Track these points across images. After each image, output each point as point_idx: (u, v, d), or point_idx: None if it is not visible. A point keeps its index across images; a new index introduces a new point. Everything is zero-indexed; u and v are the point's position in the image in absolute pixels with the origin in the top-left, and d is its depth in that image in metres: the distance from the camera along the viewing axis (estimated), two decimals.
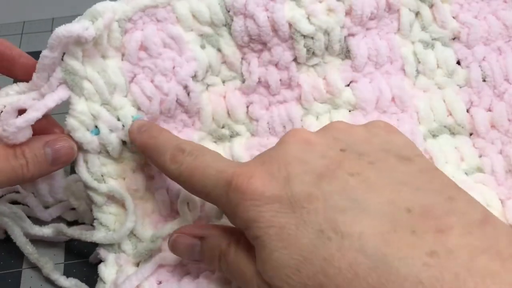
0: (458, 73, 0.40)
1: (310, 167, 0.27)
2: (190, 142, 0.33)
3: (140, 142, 0.34)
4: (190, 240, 0.32)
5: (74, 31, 0.31)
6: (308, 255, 0.25)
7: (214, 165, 0.29)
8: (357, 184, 0.26)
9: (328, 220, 0.25)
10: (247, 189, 0.27)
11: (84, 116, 0.34)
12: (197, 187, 0.30)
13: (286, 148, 0.28)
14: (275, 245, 0.26)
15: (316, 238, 0.25)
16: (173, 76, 0.36)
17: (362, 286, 0.23)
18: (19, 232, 0.37)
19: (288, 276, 0.25)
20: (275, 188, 0.27)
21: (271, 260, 0.26)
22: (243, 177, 0.28)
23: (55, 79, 0.33)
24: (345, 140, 0.29)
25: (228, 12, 0.36)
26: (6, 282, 0.39)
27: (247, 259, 0.29)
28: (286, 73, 0.38)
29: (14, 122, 0.31)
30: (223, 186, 0.28)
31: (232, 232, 0.31)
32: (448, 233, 0.24)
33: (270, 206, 0.27)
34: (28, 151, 0.32)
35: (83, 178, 0.35)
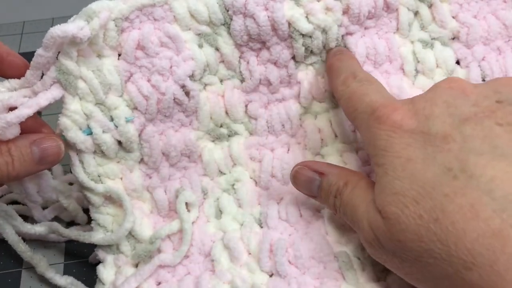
0: (457, 73, 0.40)
1: (457, 111, 0.28)
2: (365, 72, 0.35)
3: (329, 63, 0.37)
4: (311, 174, 0.33)
5: (68, 31, 0.31)
6: (430, 189, 0.25)
7: (371, 94, 0.31)
8: (503, 133, 0.26)
9: (460, 159, 0.25)
10: (388, 119, 0.29)
11: (77, 115, 0.34)
12: (350, 110, 0.32)
13: (438, 91, 0.29)
14: (398, 175, 0.27)
15: (442, 174, 0.25)
16: (170, 76, 0.35)
17: (481, 227, 0.23)
18: (10, 231, 0.37)
19: (405, 205, 0.26)
20: (414, 124, 0.28)
21: (392, 187, 0.27)
22: (388, 109, 0.29)
23: (49, 78, 0.33)
24: (507, 93, 0.29)
25: (227, 11, 0.36)
26: (6, 282, 0.39)
27: (363, 196, 0.30)
28: (285, 71, 0.38)
29: (4, 117, 0.31)
30: (369, 113, 0.30)
31: (351, 174, 0.32)
32: None
33: (403, 139, 0.28)
34: (14, 149, 0.32)
35: (80, 179, 0.35)
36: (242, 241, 0.37)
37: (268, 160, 0.38)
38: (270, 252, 0.36)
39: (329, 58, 0.37)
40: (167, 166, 0.38)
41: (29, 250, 0.37)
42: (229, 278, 0.36)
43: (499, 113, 0.27)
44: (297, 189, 0.35)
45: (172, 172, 0.38)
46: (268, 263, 0.36)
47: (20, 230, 0.37)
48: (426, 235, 0.25)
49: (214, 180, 0.39)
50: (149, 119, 0.36)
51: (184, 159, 0.38)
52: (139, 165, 0.37)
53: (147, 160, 0.37)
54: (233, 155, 0.38)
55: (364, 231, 0.29)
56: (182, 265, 0.37)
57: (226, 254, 0.36)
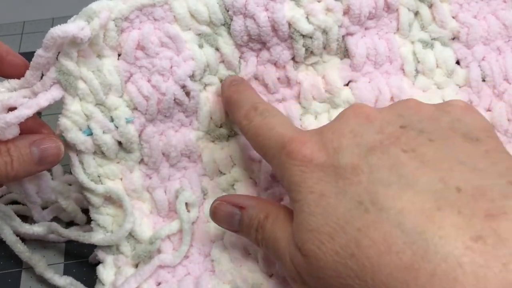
0: (457, 73, 0.40)
1: (363, 141, 0.27)
2: (266, 103, 0.34)
3: (226, 95, 0.36)
4: (231, 209, 0.33)
5: (69, 31, 0.31)
6: (343, 224, 0.25)
7: (277, 128, 0.31)
8: (408, 161, 0.26)
9: (369, 192, 0.25)
10: (298, 155, 0.28)
11: (77, 116, 0.34)
12: (258, 145, 0.32)
13: (344, 120, 0.29)
14: (312, 210, 0.27)
15: (354, 208, 0.25)
16: (170, 76, 0.35)
17: (394, 261, 0.23)
18: (8, 231, 0.37)
19: (321, 242, 0.26)
20: (323, 157, 0.28)
21: (307, 224, 0.26)
22: (297, 143, 0.29)
23: (49, 78, 0.33)
24: (409, 117, 0.29)
25: (227, 12, 0.36)
26: (6, 282, 0.39)
27: (283, 229, 0.29)
28: (284, 72, 0.38)
29: (3, 117, 0.31)
30: (279, 149, 0.30)
31: (271, 206, 0.32)
32: (501, 218, 0.22)
33: (315, 173, 0.27)
34: (14, 149, 0.32)
35: (80, 179, 0.35)
36: (242, 241, 0.37)
37: None
38: None
39: (225, 90, 0.36)
40: (167, 166, 0.38)
41: (27, 250, 0.37)
42: (229, 278, 0.36)
43: (404, 139, 0.27)
44: (217, 224, 0.34)
45: (172, 173, 0.38)
46: (267, 263, 0.36)
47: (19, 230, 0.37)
48: (344, 271, 0.24)
49: (214, 180, 0.39)
50: (149, 119, 0.36)
51: (184, 159, 0.38)
52: (139, 165, 0.37)
53: (147, 160, 0.37)
54: (233, 155, 0.38)
55: (287, 266, 0.28)
56: (182, 265, 0.37)
57: (226, 254, 0.37)
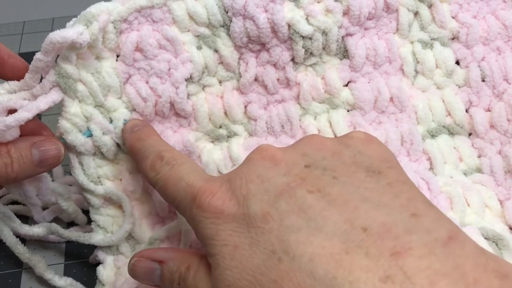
0: (457, 73, 0.40)
1: (270, 185, 0.27)
2: (172, 150, 0.33)
3: (129, 143, 0.34)
4: (150, 264, 0.31)
5: (68, 37, 0.31)
6: (259, 276, 0.24)
7: (186, 178, 0.29)
8: (315, 202, 0.25)
9: (281, 240, 0.24)
10: (209, 207, 0.27)
11: (77, 118, 0.34)
12: (169, 198, 0.31)
13: (251, 165, 0.28)
14: (228, 264, 0.26)
15: (268, 259, 0.24)
16: (168, 78, 0.35)
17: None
18: (8, 232, 0.37)
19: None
20: (234, 207, 0.27)
21: (224, 279, 0.25)
22: (207, 194, 0.28)
23: (48, 81, 0.33)
24: (313, 155, 0.28)
25: (227, 13, 0.36)
26: (6, 282, 0.39)
27: (205, 281, 0.28)
28: (284, 73, 0.38)
29: (4, 120, 0.31)
30: (189, 201, 0.29)
31: (193, 255, 0.30)
32: (406, 255, 0.22)
33: (228, 224, 0.26)
34: (14, 151, 0.32)
35: (79, 181, 0.35)
36: None
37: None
38: None
39: (127, 137, 0.35)
40: None
41: (27, 251, 0.37)
42: None
43: (309, 180, 0.26)
44: (139, 281, 0.32)
45: None
46: None
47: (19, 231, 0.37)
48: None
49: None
50: (148, 120, 0.36)
51: None
52: None
53: None
54: (233, 156, 0.38)
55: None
56: None
57: None
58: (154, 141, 0.33)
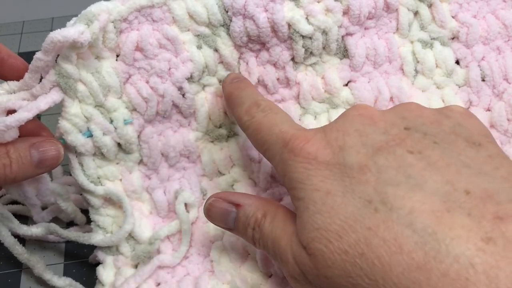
0: (457, 73, 0.40)
1: (368, 140, 0.27)
2: (268, 101, 0.34)
3: (227, 91, 0.36)
4: (226, 206, 0.32)
5: (69, 36, 0.31)
6: (352, 223, 0.25)
7: (280, 125, 0.30)
8: (415, 162, 0.26)
9: (378, 192, 0.25)
10: (302, 151, 0.28)
11: (77, 118, 0.34)
12: (260, 142, 0.31)
13: (348, 120, 0.29)
14: (319, 209, 0.26)
15: (363, 207, 0.25)
16: (168, 78, 0.35)
17: (405, 261, 0.23)
18: (6, 233, 0.37)
19: (328, 240, 0.25)
20: (328, 155, 0.27)
21: (314, 222, 0.26)
22: (300, 140, 0.28)
23: (48, 81, 0.33)
24: (412, 119, 0.29)
25: (227, 13, 0.36)
26: (6, 282, 0.39)
27: (283, 228, 0.29)
28: (284, 72, 0.38)
29: (4, 120, 0.31)
30: (281, 145, 0.29)
31: (269, 204, 0.31)
32: (508, 221, 0.23)
33: (320, 171, 0.27)
34: (13, 151, 0.32)
35: (79, 181, 0.35)
36: (241, 241, 0.37)
37: (267, 160, 0.38)
38: None
39: (226, 86, 0.36)
40: (166, 167, 0.38)
41: (25, 252, 0.37)
42: (228, 279, 0.36)
43: (409, 141, 0.27)
44: (211, 222, 0.33)
45: (171, 173, 0.38)
46: (267, 263, 0.36)
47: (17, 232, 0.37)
48: (353, 271, 0.24)
49: (213, 180, 0.39)
50: (148, 120, 0.36)
51: (183, 160, 0.38)
52: (138, 166, 0.37)
53: (146, 161, 0.37)
54: (232, 155, 0.38)
55: (289, 265, 0.28)
56: (181, 265, 0.37)
57: (226, 254, 0.37)
58: (252, 91, 0.35)
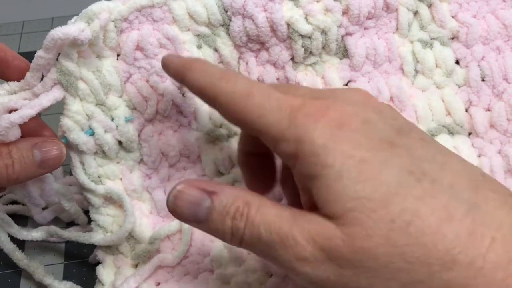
0: (457, 73, 0.40)
1: (387, 122, 0.27)
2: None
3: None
4: (199, 193, 0.27)
5: (70, 33, 0.31)
6: (397, 192, 0.24)
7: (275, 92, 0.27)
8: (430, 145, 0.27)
9: (415, 165, 0.25)
10: (325, 117, 0.26)
11: (79, 116, 0.34)
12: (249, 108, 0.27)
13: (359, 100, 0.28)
14: (355, 177, 0.24)
15: (406, 177, 0.24)
16: (168, 77, 0.36)
17: (457, 227, 0.23)
18: (6, 238, 0.36)
19: (372, 209, 0.24)
20: (355, 125, 0.26)
21: (353, 191, 0.24)
22: (319, 106, 0.26)
23: (50, 79, 0.33)
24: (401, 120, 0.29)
25: (226, 12, 0.36)
26: (6, 282, 0.39)
27: (277, 213, 0.26)
28: (284, 72, 0.38)
29: (8, 117, 0.31)
30: (288, 110, 0.26)
31: (251, 194, 0.27)
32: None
33: (349, 138, 0.25)
34: (16, 151, 0.32)
35: (80, 180, 0.35)
36: None
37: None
38: None
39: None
40: (167, 166, 0.38)
41: (25, 257, 0.37)
42: (228, 279, 0.36)
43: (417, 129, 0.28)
44: (176, 215, 0.28)
45: (172, 173, 0.38)
46: (267, 263, 0.36)
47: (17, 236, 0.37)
48: (400, 239, 0.24)
49: (214, 180, 0.39)
50: (148, 119, 0.36)
51: (184, 160, 0.38)
52: (139, 165, 0.37)
53: (146, 160, 0.37)
54: (233, 156, 0.38)
55: (298, 247, 0.25)
56: (181, 265, 0.37)
57: (226, 254, 0.37)
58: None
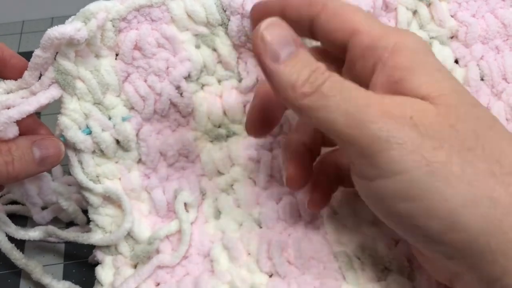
0: (456, 72, 0.40)
1: None
2: None
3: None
4: (290, 35, 0.27)
5: (66, 33, 0.31)
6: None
7: None
8: None
9: None
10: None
11: (76, 114, 0.34)
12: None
13: None
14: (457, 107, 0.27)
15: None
16: (166, 77, 0.36)
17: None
18: (3, 238, 0.36)
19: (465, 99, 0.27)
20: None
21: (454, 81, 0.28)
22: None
23: (47, 78, 0.33)
24: None
25: (225, 12, 0.36)
26: (6, 282, 0.39)
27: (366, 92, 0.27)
28: None
29: (6, 112, 0.31)
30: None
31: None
32: None
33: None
34: (15, 149, 0.32)
35: (79, 179, 0.35)
36: (241, 241, 0.37)
37: (266, 160, 0.38)
38: (269, 252, 0.36)
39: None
40: (165, 166, 0.38)
41: (23, 257, 0.37)
42: (229, 279, 0.36)
43: None
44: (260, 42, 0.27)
45: (171, 173, 0.38)
46: (267, 263, 0.36)
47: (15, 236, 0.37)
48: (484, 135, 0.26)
49: (213, 180, 0.39)
50: (146, 118, 0.36)
51: (182, 159, 0.38)
52: (137, 165, 0.37)
53: (145, 159, 0.37)
54: (232, 155, 0.38)
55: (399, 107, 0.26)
56: (181, 265, 0.37)
57: (225, 254, 0.36)
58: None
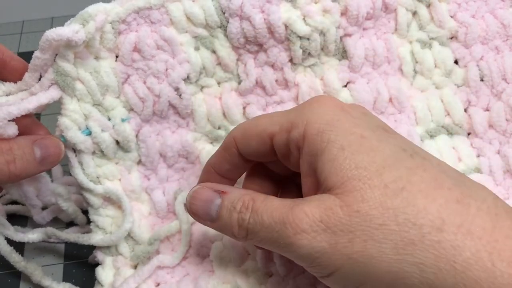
0: (455, 73, 0.40)
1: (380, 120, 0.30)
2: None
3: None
4: (211, 193, 0.31)
5: (63, 35, 0.31)
6: (392, 162, 0.27)
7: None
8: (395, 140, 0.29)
9: (408, 145, 0.28)
10: (331, 101, 0.30)
11: (76, 114, 0.34)
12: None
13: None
14: (355, 149, 0.27)
15: (399, 152, 0.28)
16: (165, 78, 0.36)
17: (446, 195, 0.26)
18: (2, 241, 0.36)
19: (368, 177, 0.27)
20: (355, 112, 0.29)
21: (352, 162, 0.27)
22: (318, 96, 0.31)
23: (47, 79, 0.33)
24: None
25: (224, 14, 0.36)
26: (6, 282, 0.39)
27: (280, 202, 0.29)
28: (282, 74, 0.38)
29: (6, 108, 0.31)
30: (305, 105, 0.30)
31: (256, 193, 0.30)
32: None
33: (349, 119, 0.29)
34: (17, 148, 0.32)
35: (79, 180, 0.35)
36: None
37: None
38: (269, 252, 0.36)
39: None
40: (165, 167, 0.38)
41: (22, 259, 0.37)
42: (229, 279, 0.36)
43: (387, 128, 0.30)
44: (192, 213, 0.32)
45: (170, 174, 0.38)
46: (267, 263, 0.36)
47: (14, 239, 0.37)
48: (393, 202, 0.26)
49: None
50: (145, 119, 0.36)
51: (182, 160, 0.38)
52: (137, 166, 0.37)
53: (144, 160, 0.37)
54: None
55: (297, 221, 0.27)
56: (181, 266, 0.37)
57: (226, 254, 0.36)
58: None
